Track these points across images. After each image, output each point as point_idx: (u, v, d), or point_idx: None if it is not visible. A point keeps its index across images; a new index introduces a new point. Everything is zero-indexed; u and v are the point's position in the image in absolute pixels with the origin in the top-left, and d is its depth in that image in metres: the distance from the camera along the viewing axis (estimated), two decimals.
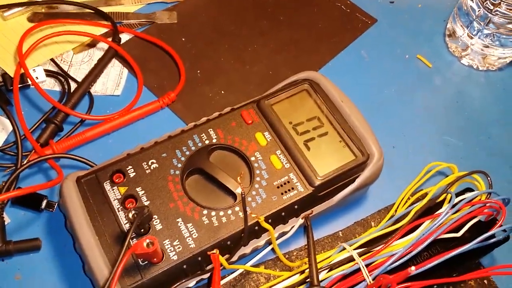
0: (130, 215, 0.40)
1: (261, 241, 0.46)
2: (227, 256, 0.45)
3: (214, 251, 0.41)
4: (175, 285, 0.43)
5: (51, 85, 0.58)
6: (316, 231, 0.51)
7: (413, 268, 0.39)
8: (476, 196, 0.48)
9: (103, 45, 0.61)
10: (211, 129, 0.49)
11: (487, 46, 0.62)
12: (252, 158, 0.48)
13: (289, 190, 0.47)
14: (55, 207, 0.50)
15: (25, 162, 0.51)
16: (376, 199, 0.54)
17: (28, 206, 0.50)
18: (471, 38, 0.62)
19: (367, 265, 0.44)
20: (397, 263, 0.44)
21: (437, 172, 0.55)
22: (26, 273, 0.47)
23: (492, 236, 0.46)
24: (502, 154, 0.59)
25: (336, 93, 0.52)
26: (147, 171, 0.47)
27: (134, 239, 0.43)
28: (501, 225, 0.46)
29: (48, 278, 0.47)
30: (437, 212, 0.47)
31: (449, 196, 0.49)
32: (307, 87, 0.53)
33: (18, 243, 0.47)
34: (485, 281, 0.50)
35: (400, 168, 0.56)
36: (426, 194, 0.51)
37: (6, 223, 0.48)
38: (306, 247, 0.49)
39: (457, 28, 0.64)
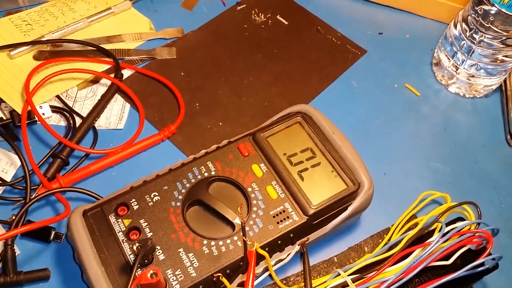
0: (135, 247, 0.43)
1: (259, 268, 0.49)
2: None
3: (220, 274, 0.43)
4: None
5: (57, 121, 0.61)
6: (312, 257, 0.53)
7: None
8: (466, 226, 0.51)
9: (106, 81, 0.64)
10: (210, 162, 0.52)
11: (473, 76, 0.65)
12: (249, 189, 0.51)
13: (284, 219, 0.49)
14: (63, 238, 0.52)
15: (33, 196, 0.53)
16: (368, 224, 0.57)
17: (37, 238, 0.52)
18: (457, 68, 0.66)
19: None
20: None
21: (431, 200, 0.58)
22: None
23: (482, 264, 0.49)
24: (488, 178, 0.62)
25: (327, 125, 0.55)
26: (149, 204, 0.49)
27: (139, 270, 0.45)
28: (489, 254, 0.48)
29: None
30: (428, 241, 0.50)
31: (439, 225, 0.51)
32: (300, 119, 0.55)
33: (28, 273, 0.50)
34: None
35: (391, 194, 0.59)
36: (418, 223, 0.53)
37: (16, 254, 0.50)
38: (303, 272, 0.51)
39: (443, 58, 0.67)
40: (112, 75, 0.64)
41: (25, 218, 0.52)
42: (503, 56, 0.62)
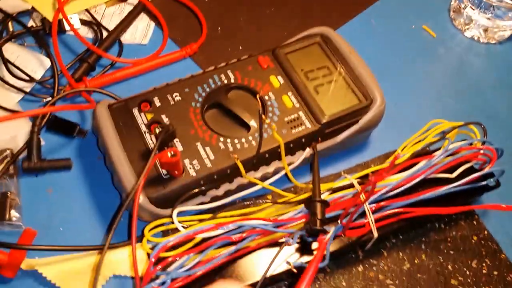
0: (157, 131, 0.46)
1: (270, 168, 0.51)
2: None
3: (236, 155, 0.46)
4: (192, 198, 0.48)
5: (85, 33, 0.64)
6: (321, 171, 0.55)
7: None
8: (472, 143, 0.53)
9: (133, 1, 0.67)
10: (230, 71, 0.54)
11: (489, 19, 0.67)
12: (266, 97, 0.53)
13: (298, 125, 0.52)
14: (86, 134, 0.55)
15: (61, 92, 0.56)
16: (377, 148, 0.59)
17: (61, 131, 0.55)
18: (473, 10, 0.67)
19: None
20: (391, 194, 0.49)
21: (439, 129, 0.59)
22: (58, 187, 0.52)
23: (483, 179, 0.51)
24: (496, 116, 0.64)
25: (345, 46, 0.57)
26: (171, 102, 0.52)
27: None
28: (490, 167, 0.51)
29: (78, 192, 0.52)
30: (433, 154, 0.52)
31: (446, 141, 0.53)
32: (319, 40, 0.58)
33: (51, 161, 0.53)
34: (474, 222, 0.55)
35: (401, 122, 0.61)
36: (425, 144, 0.55)
37: (41, 144, 0.53)
38: (311, 182, 0.54)
39: (461, 2, 0.69)
40: None
41: (51, 113, 0.55)
42: None
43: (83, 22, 0.64)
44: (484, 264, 0.53)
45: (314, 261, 0.43)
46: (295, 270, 0.44)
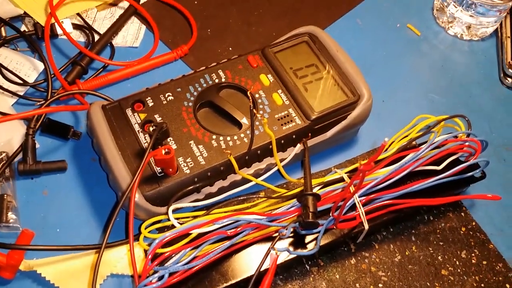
0: (151, 129, 0.47)
1: (262, 165, 0.52)
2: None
3: (229, 151, 0.47)
4: (186, 196, 0.49)
5: (77, 37, 0.65)
6: (312, 167, 0.56)
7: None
8: (457, 136, 0.54)
9: (124, 5, 0.68)
10: (221, 70, 0.56)
11: (471, 16, 0.69)
12: (256, 95, 0.54)
13: (288, 122, 0.53)
14: (80, 136, 0.56)
15: (55, 95, 0.57)
16: (365, 144, 0.60)
17: (56, 134, 0.56)
18: (456, 7, 0.69)
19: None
20: (379, 187, 0.50)
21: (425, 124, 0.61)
22: (53, 189, 0.53)
23: (469, 170, 0.53)
24: (481, 111, 0.65)
25: (332, 44, 0.58)
26: (163, 102, 0.53)
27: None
28: (475, 158, 0.52)
29: (73, 193, 0.53)
30: (420, 147, 0.53)
31: (432, 135, 0.55)
32: (306, 39, 0.59)
33: (46, 163, 0.53)
34: (462, 214, 0.56)
35: (388, 119, 0.63)
36: (411, 139, 0.56)
37: (36, 147, 0.54)
38: (302, 177, 0.55)
39: (444, 1, 0.71)
40: None
41: (45, 115, 0.56)
42: None
43: (75, 26, 0.65)
44: (473, 255, 0.54)
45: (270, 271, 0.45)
46: (279, 254, 0.46)
